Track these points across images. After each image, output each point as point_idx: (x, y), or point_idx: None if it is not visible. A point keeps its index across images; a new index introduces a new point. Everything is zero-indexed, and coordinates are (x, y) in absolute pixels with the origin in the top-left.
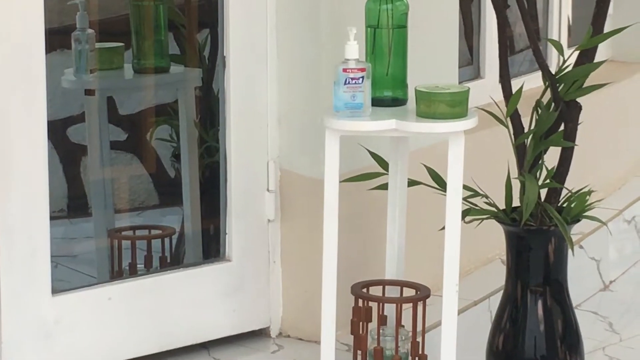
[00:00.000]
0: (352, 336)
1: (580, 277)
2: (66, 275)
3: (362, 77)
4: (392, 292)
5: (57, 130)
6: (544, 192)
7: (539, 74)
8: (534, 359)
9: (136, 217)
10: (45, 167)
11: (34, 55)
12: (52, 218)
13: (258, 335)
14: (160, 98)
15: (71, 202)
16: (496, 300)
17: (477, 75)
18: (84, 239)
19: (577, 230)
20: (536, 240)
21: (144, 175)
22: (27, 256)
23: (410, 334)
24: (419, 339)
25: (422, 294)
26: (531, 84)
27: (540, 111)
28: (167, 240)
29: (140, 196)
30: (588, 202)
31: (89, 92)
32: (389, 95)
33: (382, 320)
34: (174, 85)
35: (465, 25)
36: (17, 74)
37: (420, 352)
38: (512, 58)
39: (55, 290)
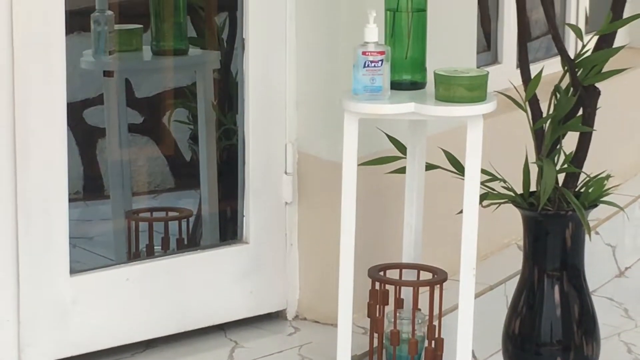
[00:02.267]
0: (369, 319)
1: (596, 263)
2: (83, 257)
3: (382, 60)
4: (409, 275)
5: (74, 112)
6: (561, 177)
7: (557, 59)
8: (550, 343)
9: (152, 200)
10: (64, 148)
11: (54, 36)
12: (69, 199)
13: (275, 317)
14: (178, 81)
15: (87, 184)
16: (512, 285)
17: (494, 60)
18: (100, 221)
19: (593, 216)
20: (553, 225)
21: (160, 158)
22: (45, 236)
23: (427, 317)
24: (436, 323)
25: (439, 277)
26: (549, 69)
27: (558, 96)
28: (184, 222)
29: (157, 179)
30: (605, 188)
31: (107, 74)
32: (407, 78)
33: (399, 303)
34: (192, 67)
35: (482, 11)
36: (37, 54)
37: (436, 336)
38: (529, 45)
39: (73, 271)
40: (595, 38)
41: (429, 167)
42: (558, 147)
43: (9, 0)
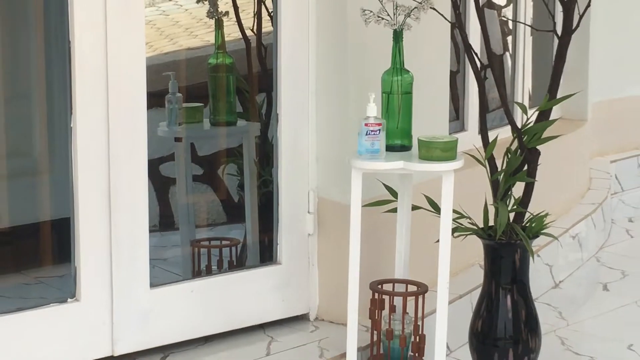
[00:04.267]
0: (370, 320)
1: (538, 277)
2: (159, 274)
3: (379, 130)
4: (400, 288)
5: (153, 167)
6: (512, 215)
7: (508, 128)
8: (504, 338)
9: (210, 231)
10: (145, 193)
11: (138, 112)
12: (149, 231)
13: (300, 319)
14: (229, 144)
15: (162, 220)
16: (476, 295)
17: (462, 128)
18: (172, 247)
19: (535, 243)
20: (506, 251)
21: (216, 201)
22: (131, 259)
23: (413, 319)
24: (420, 323)
25: (422, 289)
26: (502, 135)
27: (509, 155)
28: (233, 248)
29: (213, 215)
30: (544, 223)
31: (177, 139)
32: (398, 143)
33: (392, 308)
34: (240, 134)
35: (452, 91)
36: (126, 125)
37: (420, 332)
38: (487, 116)
39: (152, 285)
40: (537, 113)
41: (414, 208)
42: (509, 193)
43: (106, 84)
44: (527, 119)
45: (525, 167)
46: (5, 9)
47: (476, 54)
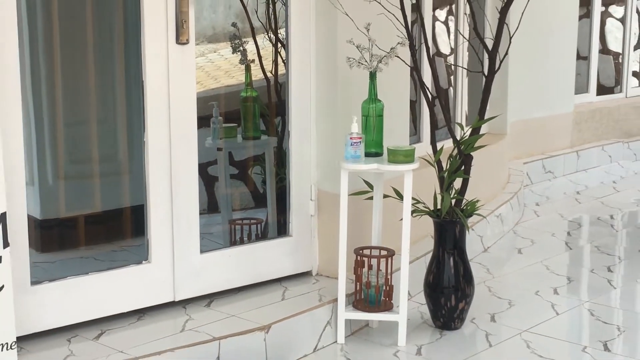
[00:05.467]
0: (354, 275)
1: (472, 245)
2: (207, 243)
3: (360, 141)
4: (375, 252)
5: (202, 168)
6: (453, 201)
7: (451, 139)
8: (448, 287)
9: (243, 213)
10: (196, 187)
11: (191, 131)
12: (199, 213)
13: (305, 274)
14: (255, 152)
15: (209, 205)
16: (428, 257)
17: (418, 140)
18: (216, 224)
19: (470, 221)
20: (449, 226)
21: (247, 192)
22: (187, 232)
23: (384, 274)
24: (389, 277)
25: (390, 253)
26: (447, 145)
27: (451, 159)
28: (259, 225)
29: (245, 202)
30: (476, 206)
31: (219, 149)
32: (373, 151)
33: (370, 267)
34: (263, 146)
35: (412, 113)
36: (183, 141)
37: (390, 283)
38: (436, 132)
39: (202, 251)
40: (471, 129)
41: (385, 196)
42: (451, 185)
43: (168, 111)
44: (464, 134)
45: (463, 167)
46: (97, 57)
47: (428, 89)
